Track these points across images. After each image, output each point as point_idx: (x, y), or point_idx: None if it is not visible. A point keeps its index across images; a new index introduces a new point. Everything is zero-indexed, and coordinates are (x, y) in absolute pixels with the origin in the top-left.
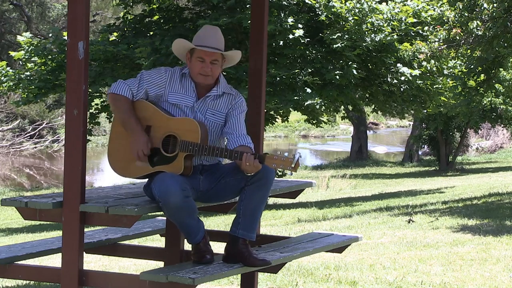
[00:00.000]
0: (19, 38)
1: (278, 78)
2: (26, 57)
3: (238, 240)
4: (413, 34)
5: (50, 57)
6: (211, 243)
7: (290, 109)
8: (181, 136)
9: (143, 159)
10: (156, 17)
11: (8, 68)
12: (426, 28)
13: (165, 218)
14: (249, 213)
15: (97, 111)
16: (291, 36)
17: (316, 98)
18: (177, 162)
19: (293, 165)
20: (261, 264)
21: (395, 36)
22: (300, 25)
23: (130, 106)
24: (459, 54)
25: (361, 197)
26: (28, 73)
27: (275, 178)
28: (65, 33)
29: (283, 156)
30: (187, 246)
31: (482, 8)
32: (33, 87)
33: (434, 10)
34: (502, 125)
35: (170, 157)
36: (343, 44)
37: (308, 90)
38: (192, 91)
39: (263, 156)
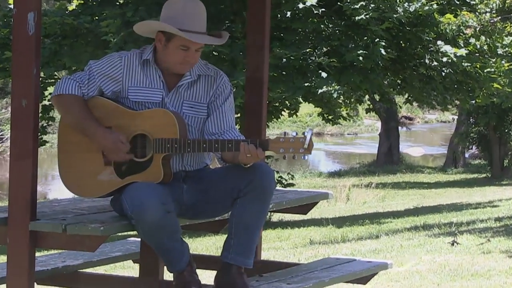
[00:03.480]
0: None
1: (284, 60)
2: None
3: (231, 267)
4: (458, 2)
5: None
6: (198, 271)
7: (300, 99)
8: (153, 134)
9: (127, 157)
10: None
11: None
12: None
13: (139, 239)
14: (243, 232)
15: (51, 103)
16: (301, 6)
17: (333, 85)
18: (153, 168)
19: (305, 146)
20: None
21: (435, 6)
22: None
23: (84, 104)
24: None
25: (391, 212)
26: None
27: (280, 188)
28: (10, 0)
29: (291, 137)
30: (168, 275)
31: None
32: None
33: None
34: None
35: (143, 162)
36: (368, 16)
37: (323, 75)
38: (159, 81)
39: (265, 141)
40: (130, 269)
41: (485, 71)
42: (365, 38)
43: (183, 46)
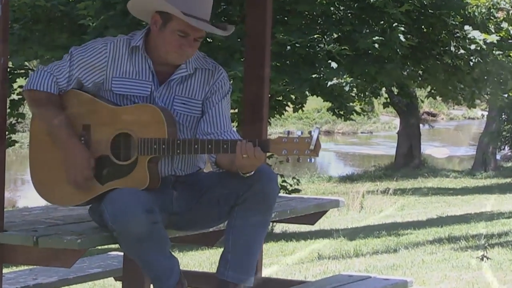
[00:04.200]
0: None
1: (288, 47)
2: None
3: (227, 286)
4: None
5: None
6: None
7: (307, 92)
8: (138, 133)
9: (84, 186)
10: None
11: None
12: None
13: (122, 253)
14: (241, 246)
15: (21, 97)
16: None
17: (345, 77)
18: (138, 172)
19: (312, 147)
20: None
21: None
22: None
23: (58, 106)
24: None
25: (412, 222)
26: None
27: (284, 195)
28: None
29: (296, 137)
30: None
31: None
32: None
33: None
34: None
35: (126, 166)
36: None
37: (333, 65)
38: (148, 72)
39: (266, 141)
40: None
41: None
42: (382, 22)
43: (181, 32)
